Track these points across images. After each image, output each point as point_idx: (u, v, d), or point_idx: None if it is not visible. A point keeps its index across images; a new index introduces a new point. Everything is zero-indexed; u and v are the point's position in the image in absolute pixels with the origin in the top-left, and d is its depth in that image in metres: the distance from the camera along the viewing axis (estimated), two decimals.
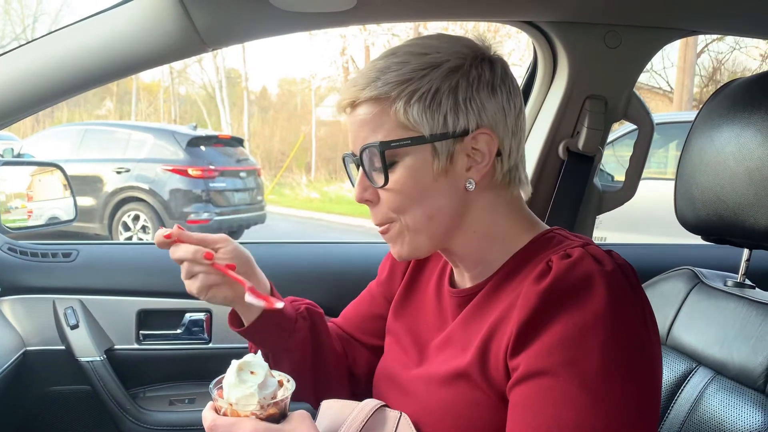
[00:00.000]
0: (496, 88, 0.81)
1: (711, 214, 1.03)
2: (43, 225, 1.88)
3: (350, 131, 0.84)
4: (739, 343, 0.96)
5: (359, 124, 0.82)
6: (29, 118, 1.63)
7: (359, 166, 0.84)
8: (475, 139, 0.80)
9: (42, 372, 1.55)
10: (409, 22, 7.71)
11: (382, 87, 0.79)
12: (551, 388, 0.69)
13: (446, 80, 0.79)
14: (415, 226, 0.83)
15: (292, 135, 19.57)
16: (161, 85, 21.95)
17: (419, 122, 0.79)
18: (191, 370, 1.61)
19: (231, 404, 0.74)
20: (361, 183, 0.85)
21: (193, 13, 1.13)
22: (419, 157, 0.80)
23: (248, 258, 0.95)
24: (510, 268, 0.82)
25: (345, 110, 0.85)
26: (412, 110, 0.78)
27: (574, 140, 1.53)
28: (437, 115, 0.79)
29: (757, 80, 1.01)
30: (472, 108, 0.80)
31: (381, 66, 0.81)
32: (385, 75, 0.80)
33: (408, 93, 0.79)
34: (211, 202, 7.43)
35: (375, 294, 1.10)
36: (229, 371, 0.75)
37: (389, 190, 0.82)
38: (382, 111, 0.80)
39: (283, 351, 0.97)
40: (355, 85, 0.82)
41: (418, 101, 0.78)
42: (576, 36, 1.45)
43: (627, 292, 0.72)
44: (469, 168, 0.81)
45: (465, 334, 0.83)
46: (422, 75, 0.79)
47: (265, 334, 0.96)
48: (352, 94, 0.82)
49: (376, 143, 0.80)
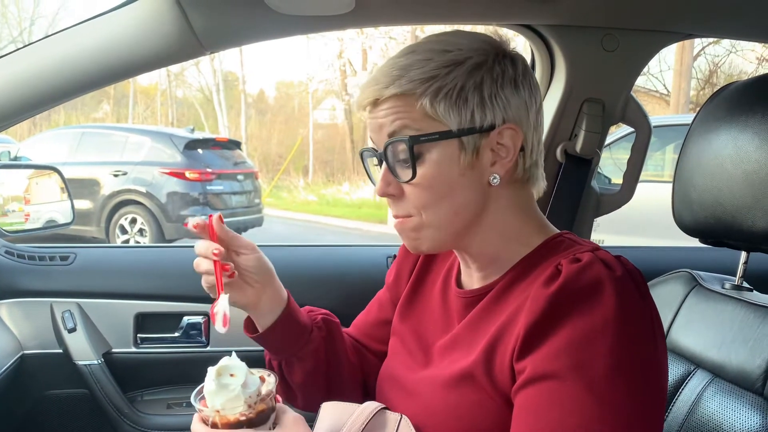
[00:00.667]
0: (519, 84, 0.82)
1: (709, 217, 1.03)
2: (41, 228, 1.87)
3: (372, 128, 0.84)
4: (737, 346, 0.96)
5: (382, 120, 0.82)
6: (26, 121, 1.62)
7: (381, 161, 0.84)
8: (500, 134, 0.81)
9: (39, 375, 1.55)
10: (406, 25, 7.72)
11: (406, 84, 0.79)
12: (557, 391, 0.69)
13: (471, 77, 0.80)
14: (439, 221, 0.82)
15: (289, 138, 19.58)
16: (158, 88, 21.95)
17: (446, 118, 0.79)
18: (189, 374, 1.60)
19: (218, 411, 0.73)
20: (384, 178, 0.84)
21: (191, 17, 1.13)
22: (446, 151, 0.80)
23: (269, 269, 0.95)
24: (519, 271, 0.82)
25: (365, 108, 0.85)
26: (439, 106, 0.79)
27: (572, 143, 1.53)
28: (464, 111, 0.79)
29: (754, 83, 1.02)
30: (497, 103, 0.80)
31: (403, 64, 0.81)
32: (409, 72, 0.80)
33: (434, 90, 0.79)
34: (209, 205, 7.41)
35: (383, 300, 1.10)
36: (207, 379, 0.74)
37: (415, 185, 0.81)
38: (408, 106, 0.80)
39: (296, 360, 0.97)
40: (377, 84, 0.81)
41: (444, 98, 0.79)
42: (573, 39, 1.46)
43: (636, 297, 0.72)
44: (493, 163, 0.82)
45: (471, 336, 0.83)
46: (447, 72, 0.79)
47: (278, 342, 0.97)
48: (374, 92, 0.82)
49: (405, 137, 0.79)
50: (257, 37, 1.32)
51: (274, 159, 18.77)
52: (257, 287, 0.93)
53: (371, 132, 0.85)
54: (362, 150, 0.90)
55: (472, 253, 0.87)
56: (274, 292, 0.95)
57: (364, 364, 1.07)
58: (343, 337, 1.05)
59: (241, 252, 0.93)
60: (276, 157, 18.92)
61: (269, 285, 0.94)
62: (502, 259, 0.85)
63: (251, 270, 0.92)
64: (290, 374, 0.99)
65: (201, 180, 7.37)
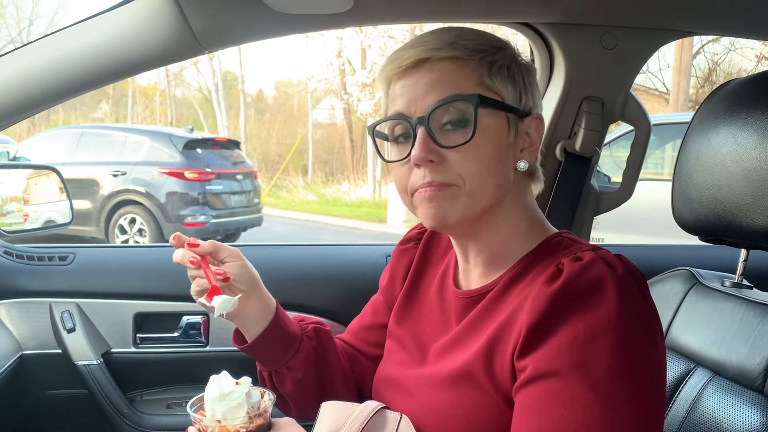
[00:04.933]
0: (536, 81, 0.86)
1: (708, 215, 1.03)
2: (40, 228, 1.87)
3: (410, 93, 0.80)
4: (737, 344, 0.96)
5: (431, 82, 0.79)
6: (25, 121, 1.62)
7: (417, 127, 0.79)
8: (530, 122, 0.83)
9: (39, 376, 1.55)
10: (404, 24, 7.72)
11: (463, 50, 0.79)
12: (559, 390, 0.69)
13: (513, 61, 0.82)
14: (479, 190, 0.80)
15: (288, 137, 19.59)
16: (157, 87, 21.95)
17: (502, 89, 0.80)
18: (188, 374, 1.60)
19: (219, 421, 0.72)
20: (424, 143, 0.79)
21: (190, 16, 1.13)
22: (498, 122, 0.80)
23: (253, 277, 0.95)
24: (519, 270, 0.82)
25: (399, 71, 0.82)
26: (496, 77, 0.79)
27: (571, 141, 1.53)
28: (515, 89, 0.81)
29: (753, 81, 1.01)
30: (534, 91, 0.83)
31: (451, 34, 0.81)
32: (462, 40, 0.80)
33: (489, 61, 0.80)
34: (208, 204, 7.42)
35: (377, 304, 1.10)
36: (209, 387, 0.74)
37: (465, 151, 0.78)
38: (460, 71, 0.79)
39: (286, 370, 0.97)
40: (423, 44, 0.80)
41: (499, 71, 0.80)
42: (572, 37, 1.46)
43: (637, 296, 0.72)
44: (522, 149, 0.83)
45: (471, 336, 0.83)
46: (495, 51, 0.81)
47: (267, 352, 0.96)
48: (423, 52, 0.79)
49: (474, 96, 0.77)
50: (256, 36, 1.32)
51: (274, 158, 18.78)
52: (242, 295, 0.92)
53: (405, 100, 0.81)
54: (377, 122, 0.86)
55: (480, 245, 0.86)
56: (260, 300, 0.95)
57: (358, 370, 1.07)
58: (334, 345, 1.04)
59: (225, 260, 0.93)
60: (275, 156, 18.93)
61: (255, 292, 0.94)
62: (505, 255, 0.85)
63: (236, 277, 0.92)
64: (281, 385, 0.99)
65: (200, 180, 7.37)
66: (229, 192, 7.72)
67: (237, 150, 8.42)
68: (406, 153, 0.81)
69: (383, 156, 0.88)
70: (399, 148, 0.84)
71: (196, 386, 0.77)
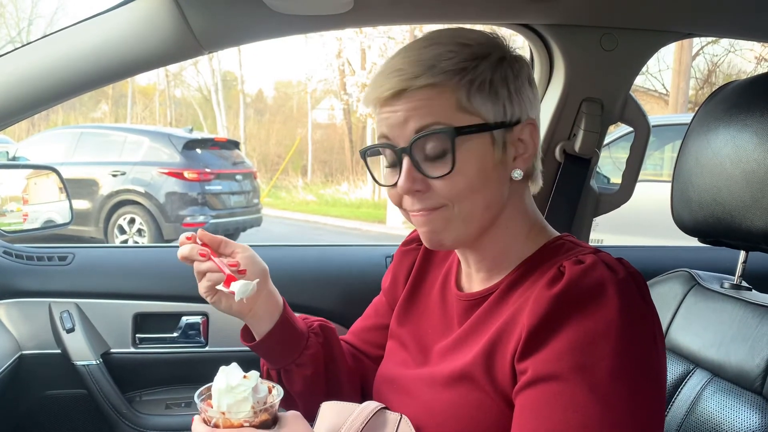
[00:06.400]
0: (532, 81, 0.84)
1: (708, 216, 1.03)
2: (39, 228, 1.87)
3: (390, 123, 0.80)
4: (736, 345, 0.96)
5: (408, 112, 0.78)
6: (24, 121, 1.62)
7: (402, 157, 0.80)
8: (522, 129, 0.82)
9: (38, 376, 1.55)
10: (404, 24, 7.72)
11: (439, 75, 0.77)
12: (560, 392, 0.69)
13: (497, 71, 0.80)
14: (469, 214, 0.80)
15: (288, 138, 19.59)
16: (157, 88, 21.95)
17: (482, 110, 0.79)
18: (188, 374, 1.60)
19: (223, 413, 0.72)
20: (409, 173, 0.79)
21: (190, 16, 1.13)
22: (481, 144, 0.79)
23: (264, 269, 0.94)
24: (520, 273, 0.82)
25: (381, 102, 0.81)
26: (475, 98, 0.78)
27: (571, 143, 1.53)
28: (497, 104, 0.79)
29: (753, 82, 1.02)
30: (522, 98, 0.82)
31: (430, 54, 0.79)
32: (441, 63, 0.78)
33: (468, 81, 0.78)
34: (207, 205, 7.41)
35: (379, 305, 1.10)
36: (218, 378, 0.73)
37: (450, 178, 0.78)
38: (440, 98, 0.78)
39: (295, 367, 0.97)
40: (402, 74, 0.79)
41: (479, 90, 0.78)
42: (572, 39, 1.46)
43: (638, 300, 0.72)
44: (515, 158, 0.82)
45: (472, 338, 0.83)
46: (475, 65, 0.79)
47: (276, 348, 0.96)
48: (400, 83, 0.78)
49: (447, 129, 0.77)
50: (255, 37, 1.32)
51: (273, 159, 18.77)
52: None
53: (388, 127, 0.81)
54: (366, 149, 0.87)
55: (480, 253, 0.87)
56: (269, 295, 0.95)
57: (361, 371, 1.07)
58: (339, 342, 1.04)
59: (234, 253, 0.92)
60: (275, 156, 18.92)
61: (264, 286, 0.94)
62: (506, 260, 0.85)
63: (248, 269, 0.92)
64: (290, 383, 0.98)
65: (199, 180, 7.37)
66: (228, 192, 7.71)
67: (236, 150, 8.42)
68: (395, 180, 0.81)
69: (377, 180, 0.88)
70: (389, 173, 0.84)
71: (196, 386, 0.77)
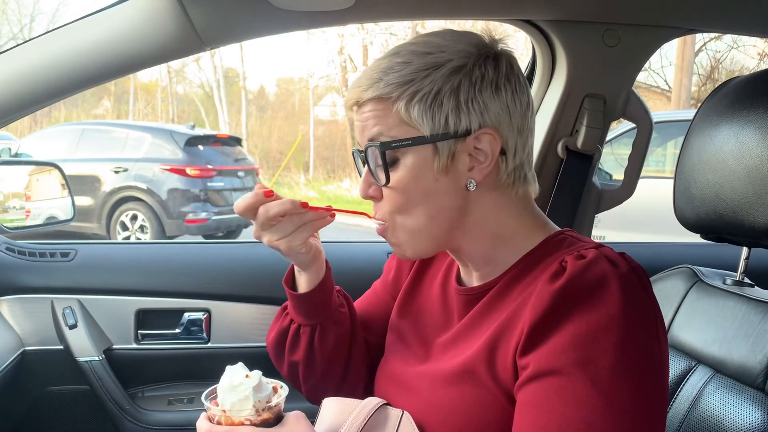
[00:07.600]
0: (501, 87, 0.81)
1: (710, 213, 1.03)
2: (41, 225, 1.88)
3: (357, 129, 0.86)
4: (738, 342, 0.96)
5: (363, 122, 0.83)
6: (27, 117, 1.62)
7: (364, 163, 0.85)
8: (477, 139, 0.80)
9: (40, 372, 1.55)
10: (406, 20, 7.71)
11: (384, 88, 0.80)
12: (562, 387, 0.69)
13: (448, 81, 0.79)
14: (413, 226, 0.83)
15: (290, 134, 19.59)
16: (159, 84, 21.93)
17: (420, 122, 0.79)
18: (190, 370, 1.60)
19: (224, 411, 0.73)
20: (365, 180, 0.86)
21: (191, 12, 1.13)
22: (420, 156, 0.80)
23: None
24: (521, 268, 0.82)
25: (351, 109, 0.87)
26: (413, 111, 0.79)
27: (573, 139, 1.53)
28: (438, 116, 0.79)
29: (756, 79, 1.01)
30: (474, 108, 0.79)
31: (384, 66, 0.81)
32: (388, 75, 0.80)
33: (409, 94, 0.79)
34: (209, 201, 7.42)
35: (380, 293, 1.10)
36: (223, 377, 0.75)
37: (391, 189, 0.82)
38: (385, 110, 0.81)
39: (332, 323, 0.98)
40: (359, 86, 0.83)
41: (419, 102, 0.79)
42: (574, 34, 1.45)
43: (640, 294, 0.72)
44: (471, 168, 0.81)
45: (472, 333, 0.83)
46: (424, 76, 0.79)
47: (324, 300, 0.97)
48: (356, 94, 0.83)
49: (377, 143, 0.81)
50: (257, 33, 1.32)
51: (275, 155, 18.77)
52: (318, 242, 0.95)
53: (357, 132, 0.86)
54: (354, 150, 0.91)
55: (465, 254, 0.88)
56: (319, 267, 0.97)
57: None
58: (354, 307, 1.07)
59: None
60: (276, 153, 18.92)
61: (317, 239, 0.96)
62: (497, 259, 0.85)
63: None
64: (323, 339, 0.98)
65: (202, 176, 7.37)
66: (230, 189, 7.72)
67: (238, 147, 8.42)
68: None
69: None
70: None
71: (198, 383, 0.78)
